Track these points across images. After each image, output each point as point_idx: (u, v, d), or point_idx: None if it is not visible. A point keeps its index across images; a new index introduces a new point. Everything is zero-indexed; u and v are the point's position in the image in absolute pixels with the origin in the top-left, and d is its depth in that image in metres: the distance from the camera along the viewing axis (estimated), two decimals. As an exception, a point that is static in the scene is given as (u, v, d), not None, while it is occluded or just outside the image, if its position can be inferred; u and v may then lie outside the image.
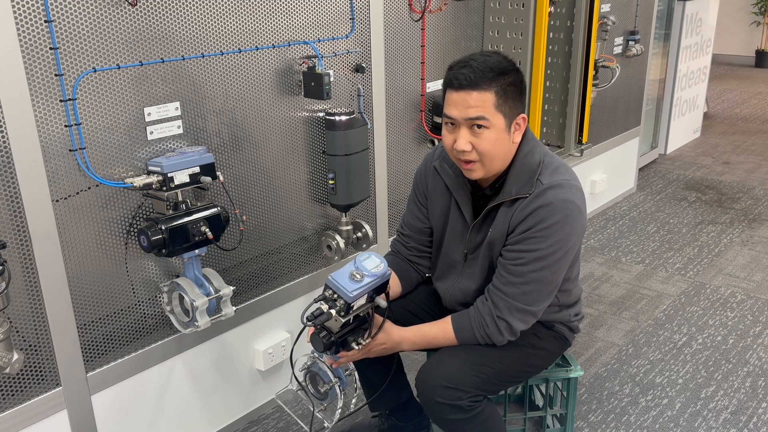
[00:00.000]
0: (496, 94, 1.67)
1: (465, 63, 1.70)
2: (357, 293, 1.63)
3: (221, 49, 2.03)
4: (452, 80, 1.70)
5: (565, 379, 2.17)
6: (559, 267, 1.76)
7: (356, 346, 1.72)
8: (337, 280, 1.64)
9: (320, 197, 2.48)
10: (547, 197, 1.71)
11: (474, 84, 1.67)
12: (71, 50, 1.70)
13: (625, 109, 4.34)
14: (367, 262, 1.67)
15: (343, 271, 1.66)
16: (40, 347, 1.82)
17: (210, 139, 2.07)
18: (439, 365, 1.79)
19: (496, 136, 1.70)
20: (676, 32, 5.12)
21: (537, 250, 1.72)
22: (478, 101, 1.67)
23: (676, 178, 4.97)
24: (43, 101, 1.68)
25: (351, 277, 1.63)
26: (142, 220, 1.94)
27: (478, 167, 1.75)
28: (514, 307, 1.76)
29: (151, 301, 2.05)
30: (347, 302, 1.63)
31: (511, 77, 1.70)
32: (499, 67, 1.68)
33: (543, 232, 1.71)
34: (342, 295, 1.63)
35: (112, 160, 1.85)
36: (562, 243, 1.72)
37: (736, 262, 3.66)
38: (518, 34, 2.96)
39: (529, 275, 1.73)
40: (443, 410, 1.76)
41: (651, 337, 2.97)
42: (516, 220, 1.75)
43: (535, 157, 1.77)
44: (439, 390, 1.74)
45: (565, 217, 1.71)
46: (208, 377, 2.29)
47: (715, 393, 2.59)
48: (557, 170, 1.77)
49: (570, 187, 1.74)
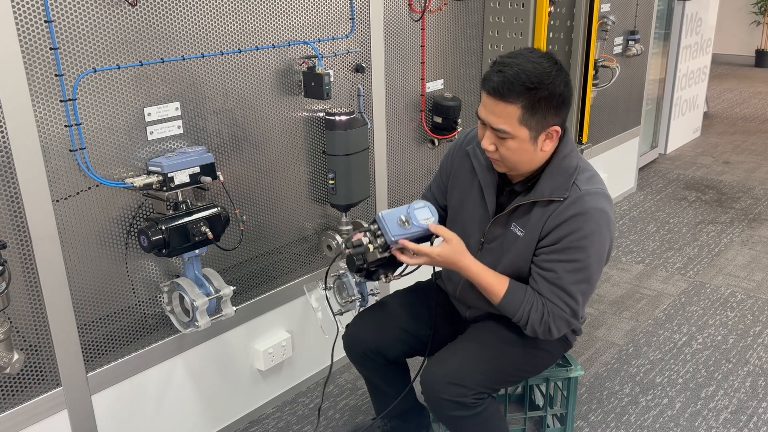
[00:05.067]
0: (522, 108, 1.62)
1: (502, 67, 1.64)
2: (399, 238, 1.72)
3: (221, 49, 2.03)
4: (485, 81, 1.67)
5: (565, 378, 2.17)
6: (597, 277, 1.77)
7: (384, 279, 1.84)
8: (386, 219, 1.72)
9: (320, 197, 2.48)
10: (585, 204, 1.69)
11: (501, 95, 1.62)
12: (71, 50, 1.70)
13: (625, 109, 4.34)
14: (419, 212, 1.74)
15: (395, 211, 1.74)
16: (40, 347, 1.82)
17: (210, 139, 2.07)
18: (444, 362, 1.80)
19: (518, 146, 1.67)
20: (676, 32, 5.12)
21: (577, 261, 1.70)
22: (503, 113, 1.64)
23: (676, 178, 4.97)
24: (44, 101, 1.68)
25: (399, 222, 1.71)
26: (142, 220, 1.94)
27: (500, 165, 1.76)
28: (563, 318, 1.75)
29: (151, 301, 2.05)
30: (387, 243, 1.72)
31: (546, 91, 1.62)
32: (533, 81, 1.61)
33: (581, 243, 1.69)
34: (385, 234, 1.72)
35: (112, 161, 1.84)
36: (599, 254, 1.72)
37: (736, 262, 3.66)
38: (518, 34, 2.96)
39: (571, 288, 1.72)
40: (447, 407, 1.76)
41: (651, 337, 2.97)
42: (551, 224, 1.72)
43: (572, 161, 1.75)
44: (444, 386, 1.75)
45: (599, 228, 1.70)
46: (209, 377, 2.29)
47: (716, 393, 2.59)
48: (593, 178, 1.76)
49: (605, 197, 1.73)
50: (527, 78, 1.61)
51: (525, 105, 1.62)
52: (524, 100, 1.62)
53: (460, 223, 1.94)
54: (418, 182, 2.90)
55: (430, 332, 2.02)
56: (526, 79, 1.61)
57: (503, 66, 1.64)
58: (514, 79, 1.61)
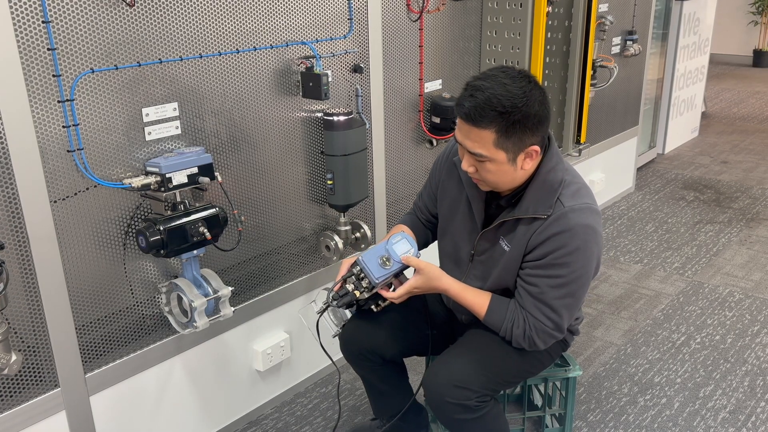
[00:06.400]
0: (497, 132, 1.60)
1: (473, 91, 1.60)
2: (383, 279, 1.79)
3: (219, 50, 2.03)
4: (458, 106, 1.64)
5: (563, 378, 2.17)
6: (583, 292, 1.76)
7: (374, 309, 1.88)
8: (367, 263, 1.79)
9: (319, 198, 2.48)
10: (568, 221, 1.67)
11: (473, 120, 1.60)
12: (69, 51, 1.70)
13: (624, 109, 4.34)
14: (398, 246, 1.79)
15: (373, 251, 1.80)
16: (38, 348, 1.82)
17: (208, 140, 2.07)
18: (447, 365, 1.80)
19: (496, 168, 1.66)
20: (673, 32, 5.12)
21: (560, 277, 1.70)
22: (477, 138, 1.62)
23: (674, 178, 4.97)
24: (41, 102, 1.68)
25: (380, 262, 1.78)
26: (140, 220, 1.94)
27: (483, 184, 1.75)
28: (546, 332, 1.76)
29: (149, 301, 2.05)
30: (372, 285, 1.80)
31: (519, 114, 1.58)
32: (505, 105, 1.57)
33: (564, 259, 1.68)
34: (368, 276, 1.79)
35: (110, 161, 1.84)
36: (585, 269, 1.71)
37: (734, 262, 3.66)
38: (516, 34, 2.96)
39: (554, 302, 1.72)
40: (452, 410, 1.76)
41: (649, 337, 2.97)
42: (535, 242, 1.71)
43: (557, 176, 1.71)
44: (448, 389, 1.75)
45: (584, 243, 1.68)
46: (207, 378, 2.29)
47: (714, 392, 2.59)
48: (579, 192, 1.72)
49: (591, 211, 1.70)
50: (498, 102, 1.57)
51: (499, 129, 1.59)
52: (497, 124, 1.59)
53: (450, 234, 1.95)
54: (416, 182, 2.90)
55: (429, 331, 2.02)
56: (498, 104, 1.57)
57: (474, 90, 1.60)
58: (486, 104, 1.58)
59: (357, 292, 1.80)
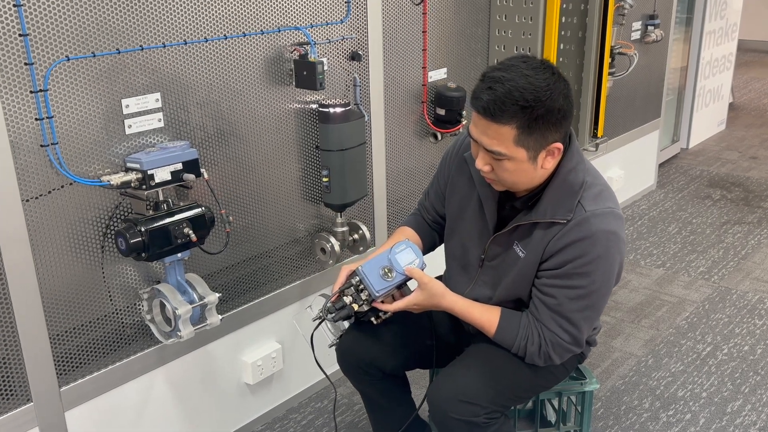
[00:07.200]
0: (518, 129, 1.58)
1: (492, 83, 1.58)
2: (384, 292, 1.78)
3: (205, 36, 2.03)
4: (474, 99, 1.62)
5: (579, 392, 2.17)
6: (604, 303, 1.76)
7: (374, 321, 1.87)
8: (367, 274, 1.77)
9: (313, 196, 2.48)
10: (589, 227, 1.66)
11: (492, 115, 1.57)
12: (42, 37, 1.70)
13: (644, 100, 4.35)
14: (401, 256, 1.78)
15: (375, 261, 1.78)
16: (8, 360, 1.82)
17: (193, 133, 2.07)
18: (453, 379, 1.80)
19: (515, 166, 1.65)
20: (698, 16, 5.13)
21: (580, 287, 1.69)
22: (496, 134, 1.60)
23: (699, 175, 4.98)
24: (12, 92, 1.67)
25: (382, 273, 1.77)
26: (119, 221, 1.94)
27: (498, 184, 1.74)
28: (563, 347, 1.76)
29: (129, 309, 2.05)
30: (372, 298, 1.79)
31: (543, 108, 1.56)
32: (528, 99, 1.55)
33: (585, 268, 1.67)
34: (368, 289, 1.78)
35: (87, 157, 1.84)
36: (606, 279, 1.70)
37: (764, 266, 3.66)
38: (528, 18, 2.96)
39: (573, 315, 1.72)
40: (458, 427, 1.76)
41: (672, 347, 2.97)
42: (552, 249, 1.70)
43: (578, 176, 1.70)
44: (454, 405, 1.75)
45: (606, 251, 1.67)
46: (192, 392, 2.29)
47: (743, 407, 2.59)
48: (601, 195, 1.72)
49: (614, 216, 1.70)
50: (521, 96, 1.55)
51: (520, 125, 1.58)
52: (519, 120, 1.57)
53: (459, 235, 1.94)
54: (420, 179, 2.90)
55: (433, 342, 2.02)
56: (520, 98, 1.55)
57: (493, 82, 1.58)
58: (506, 97, 1.55)
59: (355, 305, 1.79)
